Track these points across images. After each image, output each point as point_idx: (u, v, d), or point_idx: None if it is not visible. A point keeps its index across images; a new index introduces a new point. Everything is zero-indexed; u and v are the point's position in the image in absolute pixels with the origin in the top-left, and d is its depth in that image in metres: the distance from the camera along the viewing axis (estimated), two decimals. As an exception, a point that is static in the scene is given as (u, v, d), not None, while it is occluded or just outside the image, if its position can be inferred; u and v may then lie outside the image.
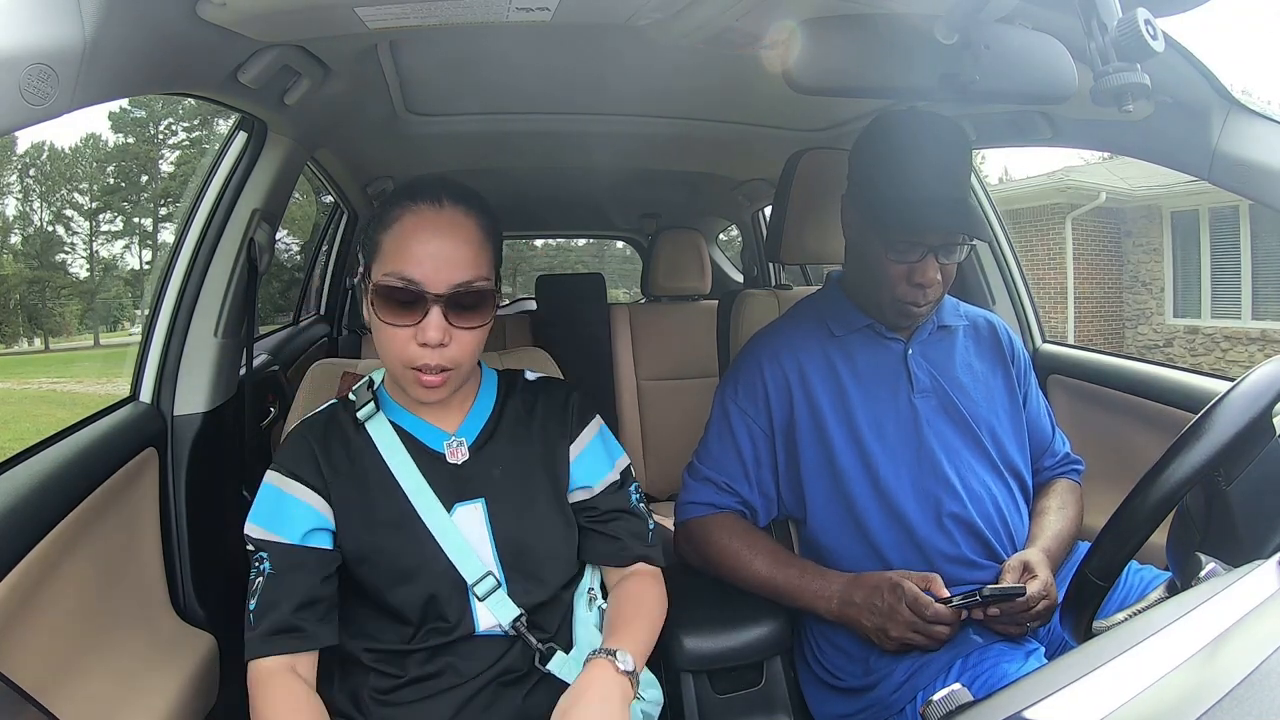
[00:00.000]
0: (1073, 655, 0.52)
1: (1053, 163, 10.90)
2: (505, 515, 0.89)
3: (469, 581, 0.86)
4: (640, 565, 0.97)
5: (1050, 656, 1.04)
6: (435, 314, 0.81)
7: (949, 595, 0.98)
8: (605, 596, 0.97)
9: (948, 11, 0.81)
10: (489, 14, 0.93)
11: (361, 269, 0.88)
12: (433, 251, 0.81)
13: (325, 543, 0.86)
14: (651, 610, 0.93)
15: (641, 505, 0.99)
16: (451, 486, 0.89)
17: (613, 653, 0.82)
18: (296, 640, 0.82)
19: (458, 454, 0.90)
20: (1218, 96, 0.99)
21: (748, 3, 0.94)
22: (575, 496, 0.95)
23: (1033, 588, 0.98)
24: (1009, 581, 1.01)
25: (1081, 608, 0.74)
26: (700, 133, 1.79)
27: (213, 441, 1.23)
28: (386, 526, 0.87)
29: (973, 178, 1.51)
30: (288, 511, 0.86)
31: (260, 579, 0.84)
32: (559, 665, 0.87)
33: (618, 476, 0.97)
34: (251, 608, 0.84)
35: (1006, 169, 18.08)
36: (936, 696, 0.55)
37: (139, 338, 1.27)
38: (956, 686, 0.56)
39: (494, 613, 0.86)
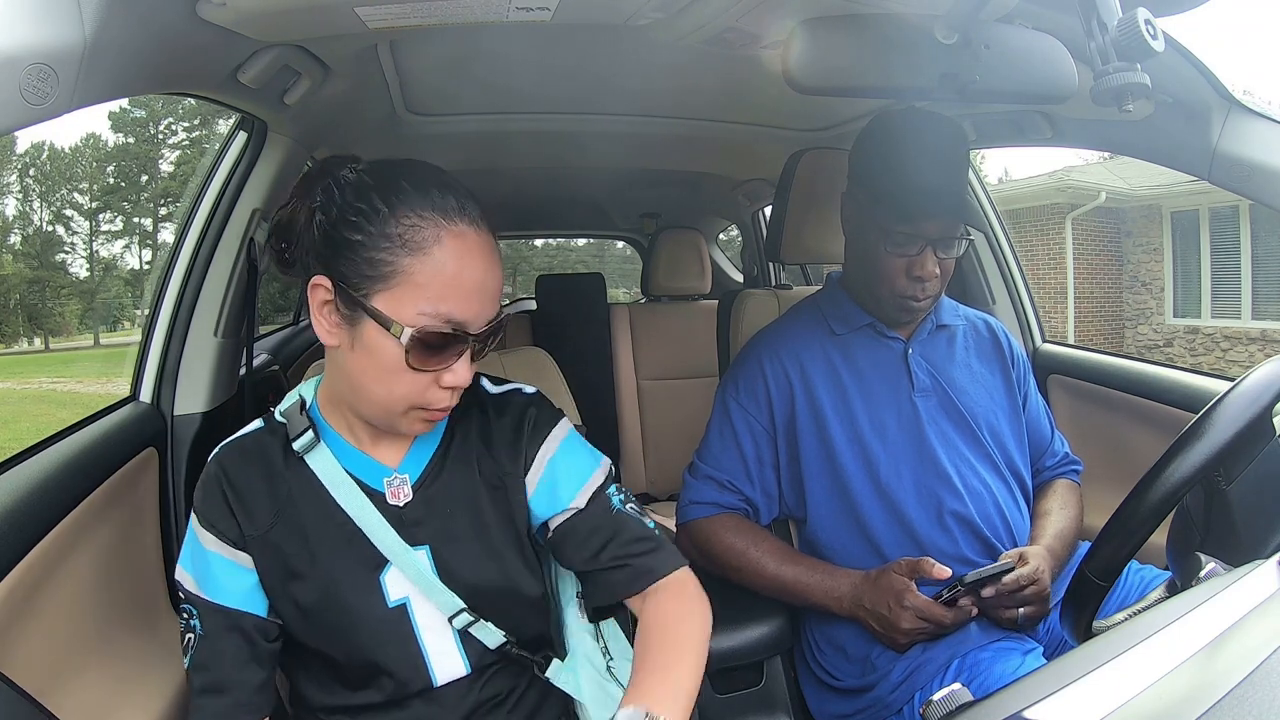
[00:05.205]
0: (1073, 655, 0.52)
1: (1053, 163, 10.96)
2: (457, 563, 0.77)
3: (446, 616, 0.76)
4: (662, 581, 0.79)
5: (1050, 656, 1.04)
6: (468, 355, 0.69)
7: (948, 575, 0.98)
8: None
9: (947, 11, 0.81)
10: (489, 14, 0.93)
11: (359, 291, 0.67)
12: (481, 285, 0.68)
13: (260, 606, 0.75)
14: (692, 642, 0.74)
15: (630, 506, 0.83)
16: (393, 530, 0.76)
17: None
18: (237, 710, 0.74)
19: (399, 494, 0.77)
20: (1218, 96, 0.99)
21: (748, 3, 0.94)
22: (554, 522, 0.80)
23: (1021, 570, 0.98)
24: None
25: (1081, 608, 0.74)
26: (700, 133, 1.79)
27: (213, 442, 1.22)
28: (326, 575, 0.74)
29: (972, 177, 1.51)
30: (212, 570, 0.74)
31: (191, 635, 0.74)
32: (554, 672, 0.82)
33: (591, 492, 0.81)
34: (187, 664, 0.75)
35: (1006, 169, 18.15)
36: (936, 696, 0.55)
37: (139, 338, 1.27)
38: (956, 686, 0.56)
39: (464, 650, 0.77)
